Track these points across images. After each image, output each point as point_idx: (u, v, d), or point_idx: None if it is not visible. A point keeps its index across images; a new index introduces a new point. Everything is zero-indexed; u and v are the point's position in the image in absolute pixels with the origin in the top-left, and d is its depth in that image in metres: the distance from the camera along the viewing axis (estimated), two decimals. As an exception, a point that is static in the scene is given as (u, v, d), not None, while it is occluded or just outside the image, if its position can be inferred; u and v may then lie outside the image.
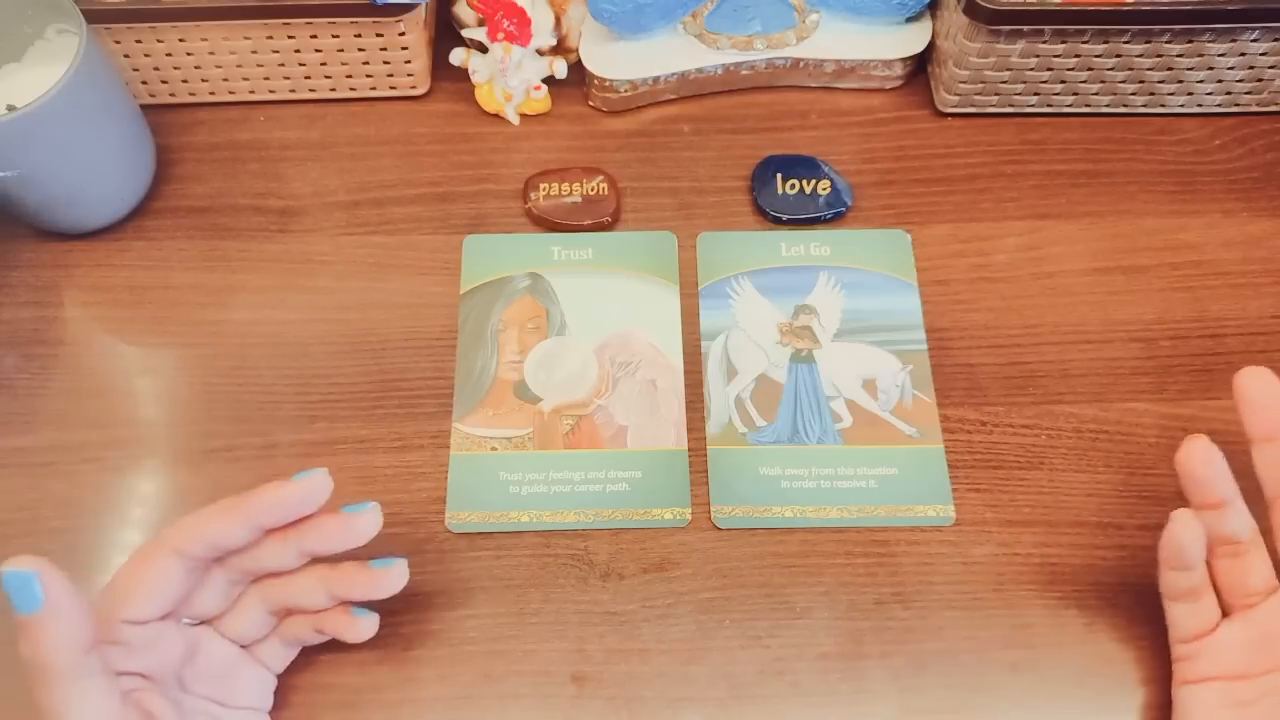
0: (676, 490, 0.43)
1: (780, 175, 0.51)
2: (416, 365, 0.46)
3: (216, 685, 0.36)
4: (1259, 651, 0.35)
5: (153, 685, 0.34)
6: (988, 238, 0.50)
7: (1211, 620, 0.36)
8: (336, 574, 0.36)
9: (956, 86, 0.52)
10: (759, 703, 0.39)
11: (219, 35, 0.50)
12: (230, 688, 0.37)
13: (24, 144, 0.43)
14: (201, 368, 0.46)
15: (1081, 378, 0.46)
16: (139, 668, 0.33)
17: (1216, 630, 0.36)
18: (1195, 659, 0.36)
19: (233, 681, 0.37)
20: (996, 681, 0.39)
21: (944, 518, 0.43)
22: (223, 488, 0.41)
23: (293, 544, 0.34)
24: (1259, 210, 0.50)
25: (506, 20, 0.50)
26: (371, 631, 0.37)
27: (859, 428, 0.45)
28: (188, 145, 0.53)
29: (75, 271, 0.49)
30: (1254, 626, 0.35)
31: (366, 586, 0.36)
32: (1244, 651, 0.35)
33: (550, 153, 0.53)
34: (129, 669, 0.33)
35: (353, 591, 0.36)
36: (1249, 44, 0.49)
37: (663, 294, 0.48)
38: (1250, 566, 0.36)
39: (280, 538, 0.35)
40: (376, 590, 0.36)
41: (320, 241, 0.50)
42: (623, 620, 0.41)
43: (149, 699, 0.33)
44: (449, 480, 0.44)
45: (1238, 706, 0.35)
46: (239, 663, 0.37)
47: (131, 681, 0.33)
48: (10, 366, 0.47)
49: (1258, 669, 0.35)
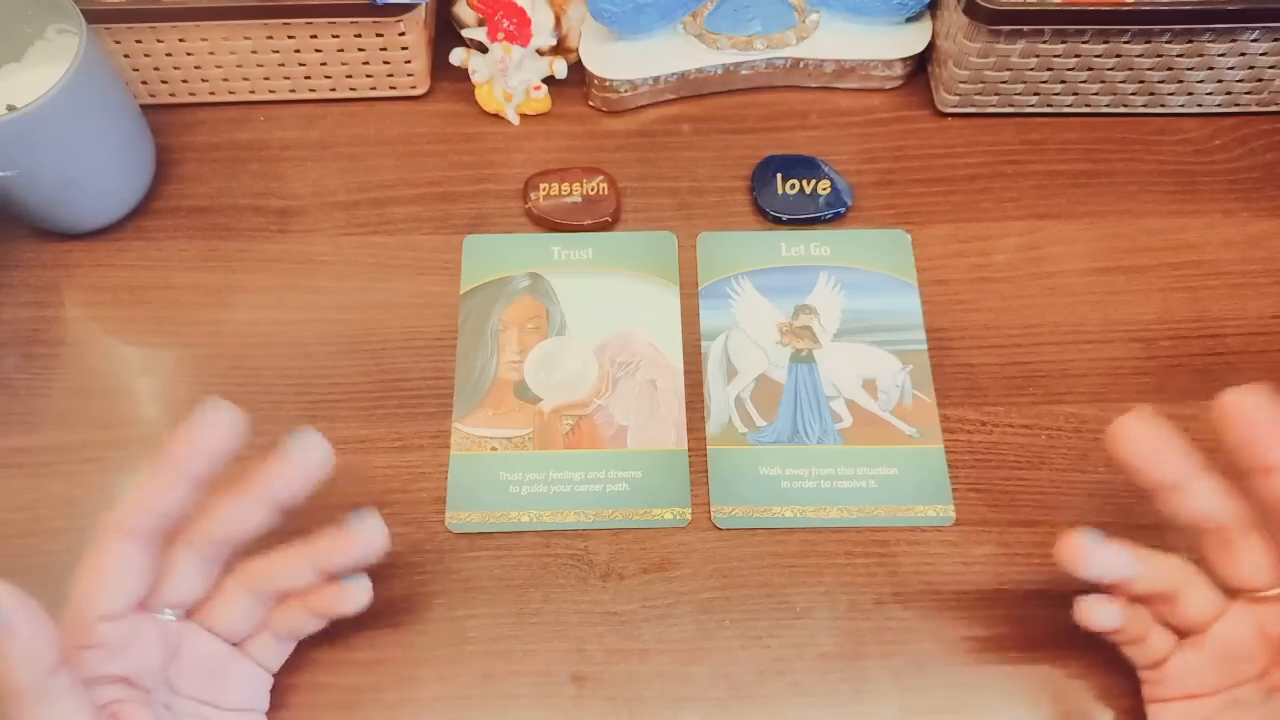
0: (676, 490, 0.43)
1: (780, 175, 0.51)
2: (416, 365, 0.46)
3: (206, 684, 0.35)
4: (1217, 671, 0.35)
5: (136, 693, 0.33)
6: (988, 238, 0.50)
7: (1163, 650, 0.36)
8: (316, 543, 0.35)
9: (956, 86, 0.52)
10: (759, 703, 0.39)
11: (219, 35, 0.50)
12: (221, 687, 0.36)
13: (24, 144, 0.43)
14: (201, 368, 0.46)
15: (1081, 378, 0.46)
16: (121, 670, 0.32)
17: (1170, 659, 0.36)
18: (1158, 683, 0.37)
19: (223, 680, 0.36)
20: (996, 681, 0.39)
21: (944, 518, 0.43)
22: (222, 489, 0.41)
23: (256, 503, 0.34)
24: (1259, 210, 0.50)
25: (506, 20, 0.50)
26: (366, 597, 0.36)
27: (859, 428, 0.45)
28: (188, 145, 0.53)
29: (75, 271, 0.49)
30: (1209, 649, 0.35)
31: (347, 548, 0.35)
32: (1203, 672, 0.35)
33: (550, 153, 0.53)
34: (110, 672, 0.32)
35: (335, 556, 0.35)
36: (1249, 44, 0.49)
37: (663, 294, 0.48)
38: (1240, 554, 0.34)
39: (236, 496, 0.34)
40: (358, 549, 0.35)
41: (320, 241, 0.50)
42: (623, 620, 0.41)
43: (130, 710, 0.32)
44: (449, 480, 0.44)
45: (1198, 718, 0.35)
46: (229, 660, 0.36)
47: (113, 691, 0.32)
48: (10, 366, 0.47)
49: (1218, 686, 0.35)
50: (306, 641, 0.40)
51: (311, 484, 0.34)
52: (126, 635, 0.33)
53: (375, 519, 0.36)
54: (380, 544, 0.36)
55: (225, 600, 0.36)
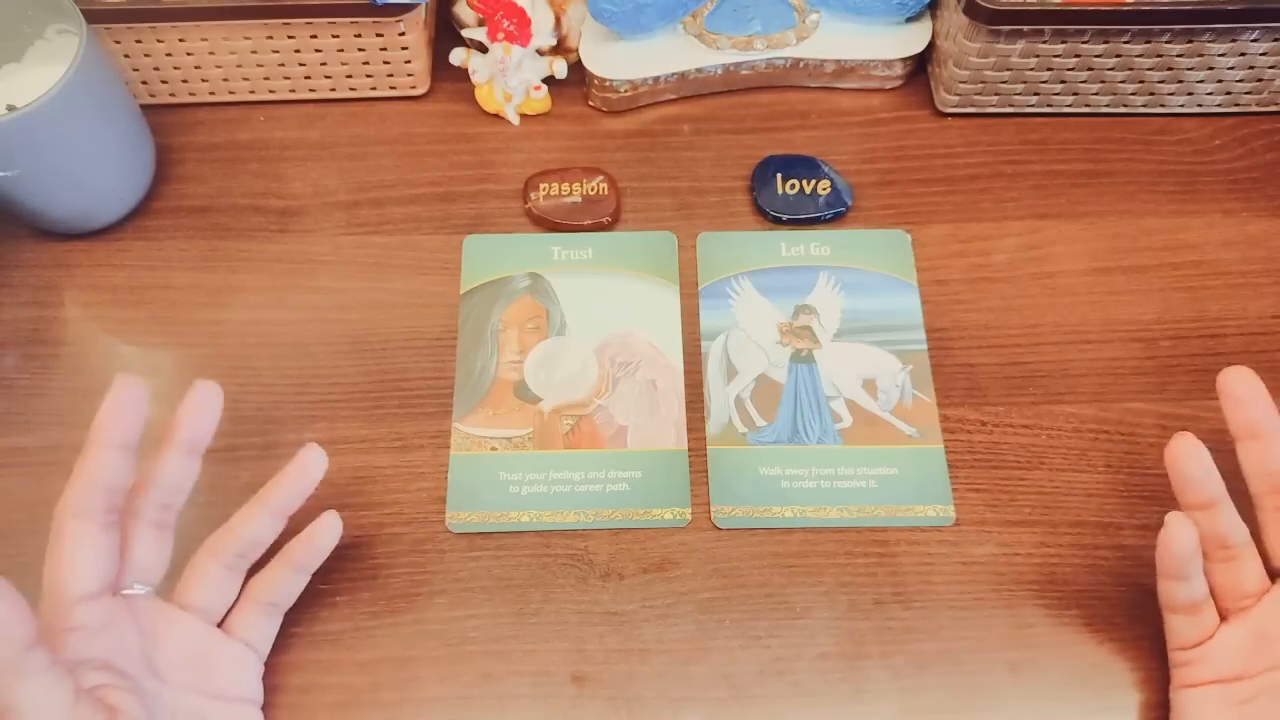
0: (676, 490, 0.43)
1: (780, 175, 0.51)
2: (416, 365, 0.46)
3: (194, 670, 0.35)
4: (1255, 652, 0.35)
5: (122, 680, 0.33)
6: (988, 238, 0.50)
7: (1210, 628, 0.36)
8: (267, 488, 0.37)
9: (956, 86, 0.52)
10: (759, 703, 0.39)
11: (219, 35, 0.50)
12: (209, 672, 0.36)
13: (24, 144, 0.43)
14: (201, 368, 0.46)
15: (1081, 378, 0.46)
16: (102, 653, 0.33)
17: (1214, 636, 0.36)
18: (1194, 664, 0.36)
19: (210, 664, 0.36)
20: (996, 681, 0.39)
21: (944, 518, 0.43)
22: (223, 488, 0.41)
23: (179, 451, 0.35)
24: (1259, 210, 0.50)
25: (506, 20, 0.50)
26: (335, 531, 0.38)
27: (859, 428, 0.45)
28: (188, 145, 0.53)
29: (75, 271, 0.49)
30: (1249, 628, 0.36)
31: (292, 480, 0.37)
32: (1241, 653, 0.35)
33: (550, 153, 0.53)
34: (92, 655, 0.32)
35: (283, 492, 0.37)
36: (1249, 44, 0.49)
37: (663, 294, 0.48)
38: (1243, 569, 0.36)
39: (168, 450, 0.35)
40: (302, 478, 0.37)
41: (320, 241, 0.50)
42: (623, 620, 0.41)
43: (115, 695, 0.32)
44: (449, 480, 0.44)
45: (1236, 705, 0.35)
46: (212, 641, 0.36)
47: (98, 676, 0.32)
48: (10, 366, 0.47)
49: (1255, 669, 0.35)
50: (306, 641, 0.40)
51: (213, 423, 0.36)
52: (104, 616, 0.33)
53: (314, 447, 0.38)
54: (321, 467, 0.38)
55: (195, 574, 0.36)
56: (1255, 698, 0.35)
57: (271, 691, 0.38)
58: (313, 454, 0.38)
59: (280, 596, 0.38)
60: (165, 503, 0.36)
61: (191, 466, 0.36)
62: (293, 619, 0.40)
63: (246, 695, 0.37)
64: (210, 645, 0.36)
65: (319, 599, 0.41)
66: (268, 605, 0.38)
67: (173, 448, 0.36)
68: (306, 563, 0.38)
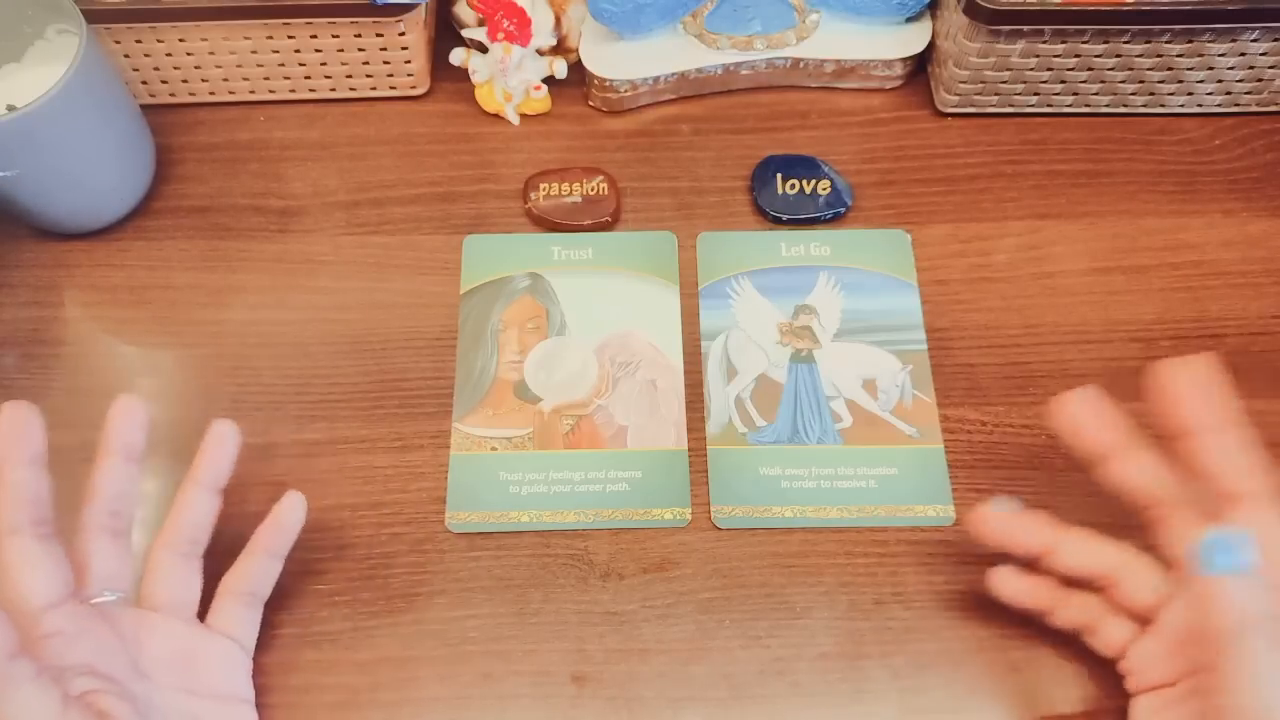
0: (676, 490, 0.43)
1: (780, 175, 0.51)
2: (416, 365, 0.46)
3: (181, 670, 0.35)
4: (1178, 657, 0.35)
5: (110, 685, 0.33)
6: (988, 238, 0.50)
7: (1120, 640, 0.37)
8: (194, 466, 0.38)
9: (956, 86, 0.52)
10: (759, 703, 0.39)
11: (219, 35, 0.50)
12: (196, 670, 0.36)
13: (24, 144, 0.43)
14: (201, 368, 0.46)
15: (1081, 378, 0.46)
16: (84, 658, 0.32)
17: (1134, 648, 0.36)
18: (1131, 674, 0.37)
19: (197, 662, 0.36)
20: (996, 681, 0.39)
21: (944, 518, 0.43)
22: (223, 488, 0.41)
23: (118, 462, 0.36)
24: (1259, 210, 0.50)
25: (506, 20, 0.50)
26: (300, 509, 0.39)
27: (859, 428, 0.45)
28: (188, 145, 0.53)
29: (75, 271, 0.49)
30: (1164, 637, 0.36)
31: (212, 454, 0.38)
32: (1163, 661, 0.36)
33: (550, 153, 0.53)
34: (74, 660, 0.32)
35: (208, 466, 0.37)
36: (1249, 44, 0.49)
37: (663, 294, 0.48)
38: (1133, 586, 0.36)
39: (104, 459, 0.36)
40: (220, 451, 0.38)
41: (320, 241, 0.50)
42: (623, 620, 0.41)
43: (104, 700, 0.32)
44: (449, 480, 0.44)
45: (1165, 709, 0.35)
46: (195, 639, 0.36)
47: (85, 681, 0.32)
48: (10, 366, 0.47)
49: (1181, 673, 0.35)
50: (305, 642, 0.40)
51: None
52: (76, 621, 0.33)
53: (223, 421, 0.38)
54: (234, 438, 0.38)
55: (152, 569, 0.36)
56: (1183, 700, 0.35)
57: (270, 691, 0.38)
58: (224, 426, 0.38)
59: (257, 585, 0.38)
60: (114, 509, 0.36)
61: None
62: (292, 619, 0.40)
63: (237, 692, 0.37)
64: (194, 643, 0.36)
65: (318, 599, 0.41)
66: (246, 596, 0.38)
67: (107, 456, 0.36)
68: (277, 547, 0.38)
